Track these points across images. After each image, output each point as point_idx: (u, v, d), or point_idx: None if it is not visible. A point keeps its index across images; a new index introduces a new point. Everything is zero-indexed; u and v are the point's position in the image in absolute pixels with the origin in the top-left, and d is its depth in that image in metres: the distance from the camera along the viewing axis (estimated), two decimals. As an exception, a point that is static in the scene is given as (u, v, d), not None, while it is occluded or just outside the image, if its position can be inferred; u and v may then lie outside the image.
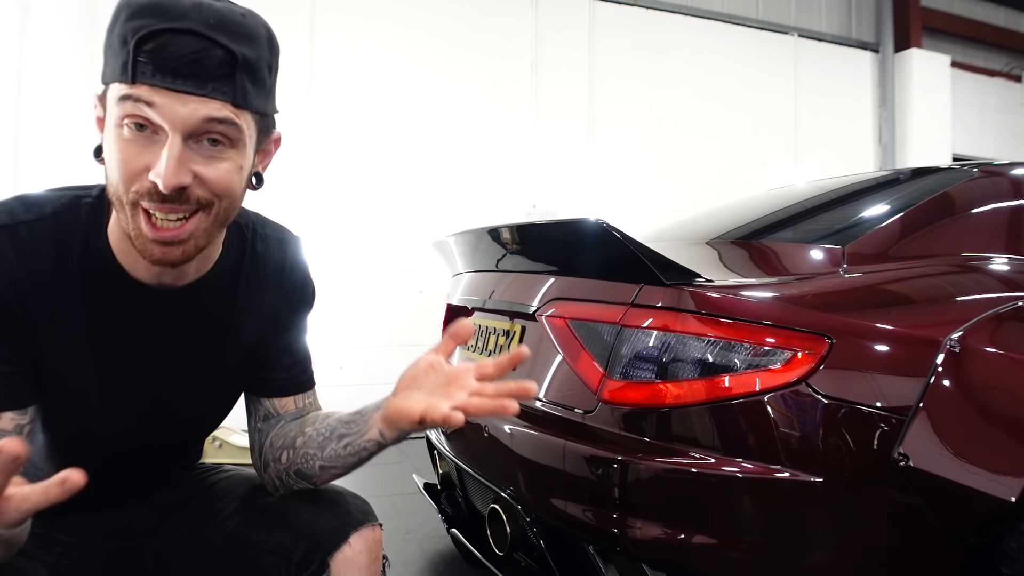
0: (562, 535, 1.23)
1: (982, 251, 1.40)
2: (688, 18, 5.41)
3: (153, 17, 0.68)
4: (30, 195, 0.82)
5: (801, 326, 1.10)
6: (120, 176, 0.71)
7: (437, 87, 4.57)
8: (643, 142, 5.16)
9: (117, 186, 0.72)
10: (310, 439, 0.93)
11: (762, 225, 1.73)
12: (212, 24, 0.69)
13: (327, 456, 0.91)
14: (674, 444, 1.11)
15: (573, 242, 1.37)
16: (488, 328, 1.68)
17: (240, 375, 0.98)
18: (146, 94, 0.68)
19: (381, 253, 4.40)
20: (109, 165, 0.73)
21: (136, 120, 0.69)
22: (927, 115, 6.02)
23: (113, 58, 0.70)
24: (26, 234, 0.78)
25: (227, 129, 0.73)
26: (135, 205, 0.72)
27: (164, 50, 0.68)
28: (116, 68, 0.70)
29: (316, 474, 0.93)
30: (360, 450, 0.89)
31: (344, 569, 0.90)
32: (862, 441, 1.07)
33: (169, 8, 0.68)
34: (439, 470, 1.93)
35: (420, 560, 2.17)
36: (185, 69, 0.68)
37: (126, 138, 0.70)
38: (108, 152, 0.73)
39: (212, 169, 0.74)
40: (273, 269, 0.97)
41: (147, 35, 0.67)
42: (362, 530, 0.92)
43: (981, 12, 6.85)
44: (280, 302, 0.98)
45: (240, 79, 0.72)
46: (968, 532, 1.07)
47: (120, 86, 0.69)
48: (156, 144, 0.70)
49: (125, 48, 0.68)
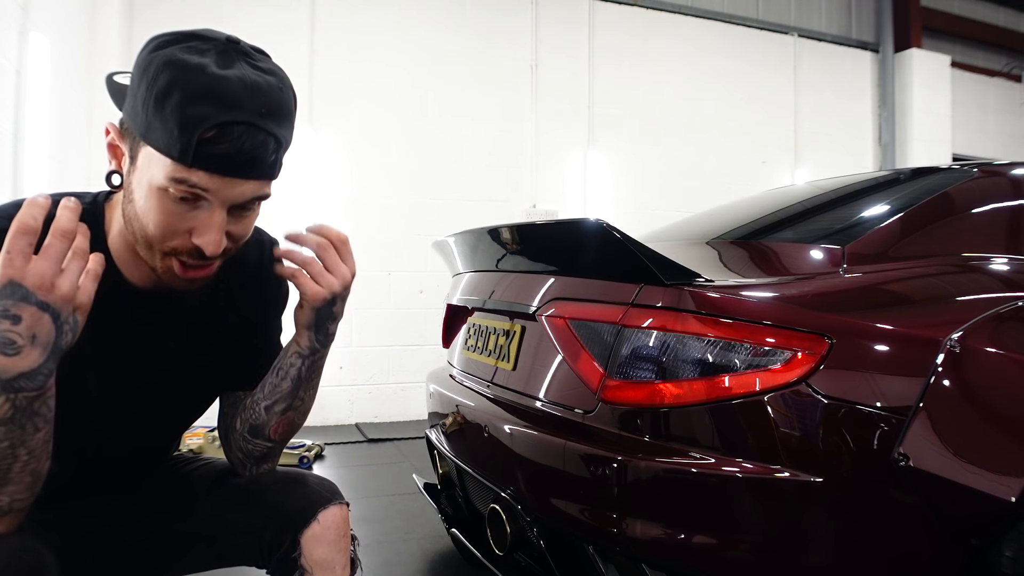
0: (562, 535, 1.23)
1: (982, 251, 1.40)
2: (688, 18, 5.41)
3: (213, 107, 0.71)
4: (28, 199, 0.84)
5: (801, 326, 1.10)
6: (159, 232, 0.77)
7: (437, 87, 4.57)
8: (643, 142, 5.17)
9: (152, 237, 0.78)
10: (256, 394, 1.00)
11: (762, 225, 1.73)
12: (264, 113, 0.74)
13: (267, 393, 0.97)
14: (674, 444, 1.11)
15: (573, 242, 1.37)
16: (488, 328, 1.68)
17: (222, 371, 1.03)
18: (204, 181, 0.74)
19: (381, 253, 4.40)
20: (143, 215, 0.78)
21: (184, 195, 0.75)
22: (927, 115, 6.02)
23: (164, 134, 0.73)
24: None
25: (262, 198, 0.81)
26: (167, 255, 0.79)
27: (223, 143, 0.72)
28: (170, 147, 0.73)
29: (264, 419, 0.99)
30: (289, 368, 0.95)
31: (313, 545, 0.94)
32: (862, 441, 1.07)
33: (226, 95, 0.72)
34: (439, 470, 1.93)
35: (420, 560, 2.17)
36: (243, 162, 0.74)
37: (172, 202, 0.75)
38: (144, 205, 0.77)
39: (242, 226, 0.82)
40: (250, 270, 1.01)
41: (210, 127, 0.71)
42: (330, 508, 0.97)
43: (981, 12, 6.85)
44: (258, 301, 1.03)
45: (280, 157, 0.80)
46: (968, 532, 1.07)
47: (175, 166, 0.73)
48: (198, 210, 0.77)
49: (185, 135, 0.71)
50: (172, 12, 3.83)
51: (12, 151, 2.54)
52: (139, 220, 0.79)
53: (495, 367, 1.58)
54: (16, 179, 2.56)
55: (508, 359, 1.52)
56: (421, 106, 4.53)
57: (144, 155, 0.76)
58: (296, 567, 0.94)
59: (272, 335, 1.08)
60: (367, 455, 3.61)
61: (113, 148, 0.81)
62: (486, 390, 1.59)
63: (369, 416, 4.39)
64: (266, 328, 1.06)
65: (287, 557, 0.95)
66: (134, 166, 0.78)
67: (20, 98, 2.60)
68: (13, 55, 2.55)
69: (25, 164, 2.60)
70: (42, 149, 2.73)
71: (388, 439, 3.88)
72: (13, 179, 2.54)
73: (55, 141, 2.89)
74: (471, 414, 1.58)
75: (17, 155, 2.57)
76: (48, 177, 2.77)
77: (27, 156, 2.61)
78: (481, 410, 1.53)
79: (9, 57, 2.52)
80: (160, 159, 0.74)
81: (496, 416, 1.46)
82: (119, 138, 0.80)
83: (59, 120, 2.94)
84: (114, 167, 0.81)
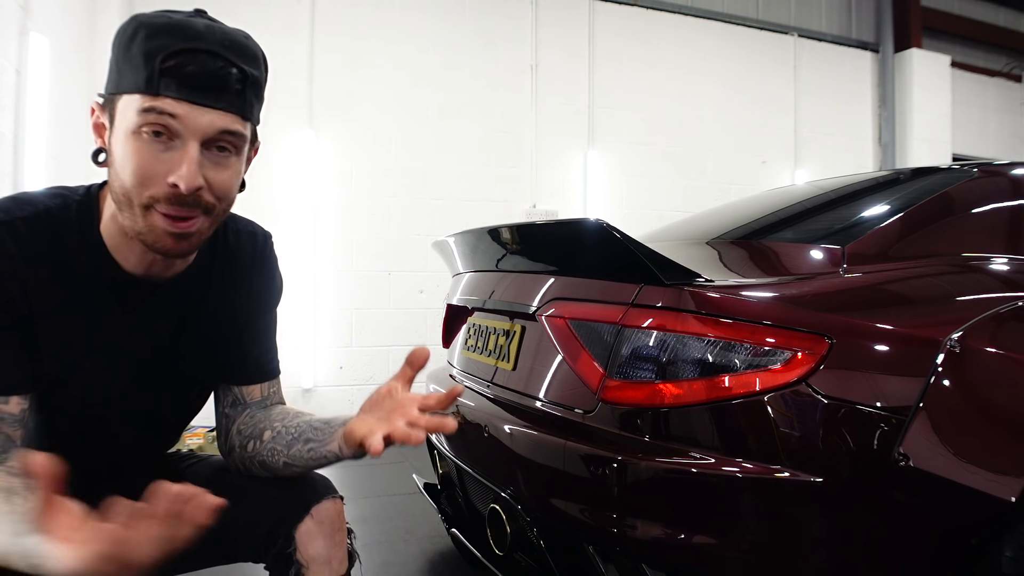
0: (562, 535, 1.23)
1: (982, 251, 1.40)
2: (688, 18, 5.41)
3: (173, 37, 0.76)
4: (21, 194, 0.88)
5: (801, 326, 1.10)
6: (135, 180, 0.78)
7: (437, 87, 4.57)
8: (643, 142, 5.16)
9: (129, 189, 0.78)
10: (279, 435, 0.99)
11: (762, 225, 1.73)
12: (226, 45, 0.78)
13: (292, 455, 0.97)
14: (674, 444, 1.11)
15: (573, 242, 1.37)
16: (488, 328, 1.68)
17: (217, 361, 1.03)
18: (170, 106, 0.76)
19: (381, 253, 4.40)
20: (121, 169, 0.79)
21: (155, 128, 0.76)
22: (927, 115, 6.01)
23: (131, 72, 0.77)
24: (24, 229, 0.83)
25: (235, 139, 0.81)
26: (148, 207, 0.79)
27: (187, 67, 0.75)
28: (138, 81, 0.76)
29: (279, 468, 0.99)
30: (321, 457, 0.95)
31: (308, 540, 0.95)
32: (862, 441, 1.07)
33: (187, 29, 0.76)
34: (439, 470, 1.93)
35: (420, 560, 2.17)
36: (206, 85, 0.77)
37: (144, 144, 0.77)
38: (121, 157, 0.78)
39: (219, 175, 0.81)
40: (244, 261, 1.02)
41: (171, 53, 0.75)
42: (323, 503, 0.98)
43: (981, 12, 6.85)
44: (250, 293, 1.04)
45: (248, 95, 0.82)
46: (968, 532, 1.07)
47: (142, 98, 0.76)
48: (171, 151, 0.78)
49: (149, 64, 0.75)
50: (172, 12, 3.83)
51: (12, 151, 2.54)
52: (119, 178, 0.79)
53: (495, 367, 1.58)
54: (16, 179, 2.56)
55: (508, 359, 1.52)
56: (421, 106, 4.52)
57: (119, 108, 0.78)
58: (292, 562, 0.95)
59: (267, 327, 1.08)
60: (367, 455, 3.60)
61: (98, 127, 0.83)
62: (486, 390, 1.59)
63: (369, 416, 4.38)
64: (260, 320, 1.06)
65: (282, 552, 0.96)
66: (113, 127, 0.80)
67: (20, 98, 2.60)
68: (13, 55, 2.55)
69: (25, 164, 2.60)
70: (42, 149, 2.73)
71: (388, 439, 3.87)
72: (13, 179, 2.54)
73: (55, 141, 2.89)
74: (471, 414, 1.58)
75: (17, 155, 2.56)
76: (48, 177, 2.77)
77: (27, 156, 2.61)
78: (481, 410, 1.53)
79: (9, 57, 2.52)
80: (130, 100, 0.77)
81: (496, 416, 1.46)
82: (101, 113, 0.82)
83: (59, 120, 2.93)
84: (99, 144, 0.83)
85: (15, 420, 0.82)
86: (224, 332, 1.01)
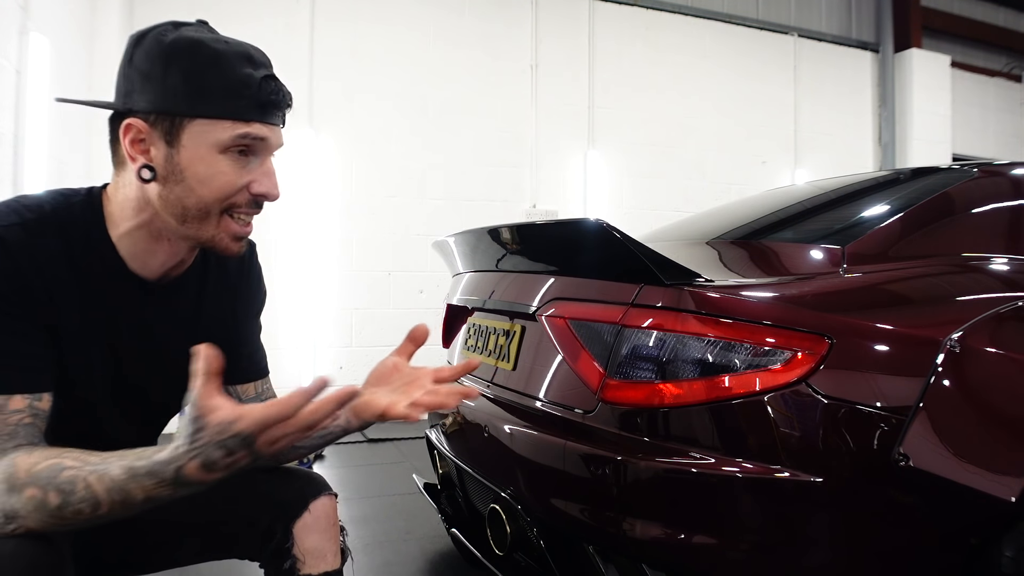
0: (562, 535, 1.23)
1: (982, 251, 1.40)
2: (688, 18, 5.41)
3: (249, 67, 0.84)
4: (26, 196, 0.89)
5: (801, 326, 1.10)
6: (223, 192, 0.85)
7: (437, 86, 4.57)
8: (643, 142, 5.16)
9: (211, 203, 0.85)
10: None
11: (762, 225, 1.73)
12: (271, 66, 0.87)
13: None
14: (674, 444, 1.11)
15: (573, 242, 1.37)
16: (488, 328, 1.68)
17: None
18: (261, 130, 0.85)
19: (381, 253, 4.40)
20: (200, 187, 0.85)
21: (242, 148, 0.85)
22: (927, 115, 6.02)
23: (217, 100, 0.83)
24: (37, 229, 0.85)
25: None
26: (225, 212, 0.87)
27: (268, 96, 0.84)
28: (227, 110, 0.83)
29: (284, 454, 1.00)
30: (327, 434, 0.97)
31: (305, 534, 0.99)
32: (862, 441, 1.07)
33: (252, 56, 0.85)
34: (439, 470, 1.93)
35: (420, 560, 2.17)
36: (278, 107, 0.87)
37: (231, 162, 0.85)
38: (205, 175, 0.85)
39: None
40: (235, 266, 1.07)
41: (259, 84, 0.83)
42: (320, 498, 1.02)
43: (981, 12, 6.85)
44: (239, 297, 1.08)
45: None
46: (968, 532, 1.07)
47: (236, 123, 0.83)
48: (250, 165, 0.87)
49: (240, 95, 0.83)
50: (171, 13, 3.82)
51: (12, 151, 2.54)
52: (193, 194, 0.85)
53: (495, 367, 1.58)
54: (16, 179, 2.56)
55: (508, 359, 1.52)
56: (421, 106, 4.52)
57: (192, 131, 0.83)
58: (288, 556, 0.98)
59: (253, 332, 1.13)
60: (367, 455, 3.61)
61: (137, 144, 0.84)
62: (486, 390, 1.59)
63: (369, 416, 4.38)
64: (246, 325, 1.11)
65: (280, 547, 0.98)
66: (176, 147, 0.83)
67: (20, 98, 2.60)
68: (13, 55, 2.55)
69: (25, 164, 2.60)
70: (42, 149, 2.73)
71: (388, 439, 3.88)
72: (13, 179, 2.54)
73: (55, 141, 2.89)
74: (471, 414, 1.58)
75: (17, 155, 2.56)
76: (48, 177, 2.77)
77: (27, 156, 2.61)
78: (481, 410, 1.53)
79: (9, 57, 2.52)
80: (216, 125, 0.83)
81: (496, 416, 1.46)
82: (150, 131, 0.84)
83: (59, 120, 2.93)
84: (143, 161, 0.84)
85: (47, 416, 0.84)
86: (220, 331, 1.03)
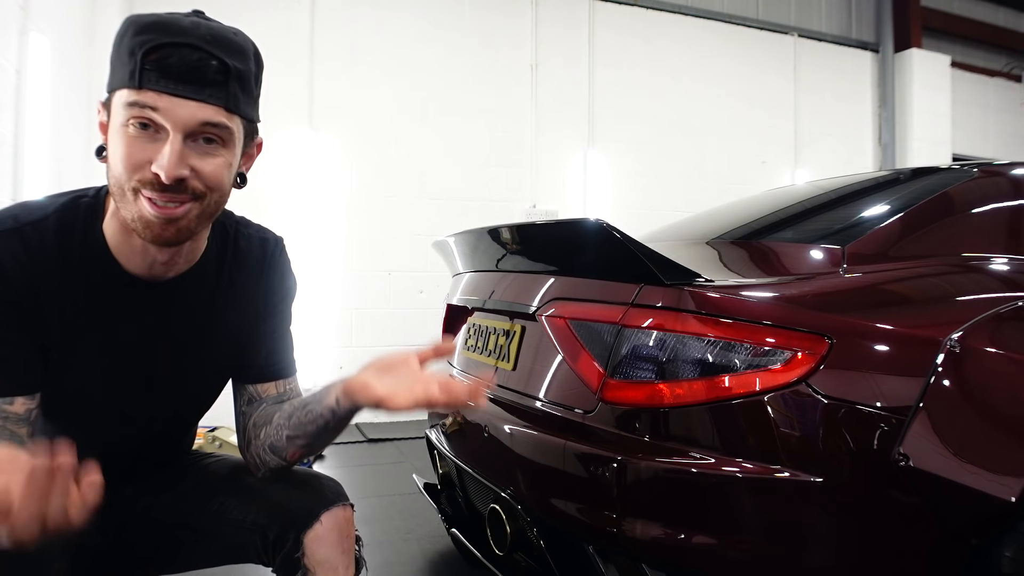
0: (562, 535, 1.23)
1: (982, 251, 1.40)
2: (688, 18, 5.41)
3: (157, 32, 0.78)
4: (31, 201, 0.90)
5: (801, 326, 1.10)
6: (124, 167, 0.80)
7: (437, 87, 4.57)
8: (643, 142, 5.16)
9: (120, 176, 0.81)
10: (284, 412, 1.01)
11: (762, 225, 1.73)
12: (208, 39, 0.80)
13: (293, 424, 0.98)
14: (674, 444, 1.11)
15: (573, 242, 1.37)
16: (488, 328, 1.68)
17: (224, 361, 1.05)
18: (151, 99, 0.78)
19: (381, 253, 4.40)
20: (113, 159, 0.82)
21: (141, 120, 0.79)
22: (927, 115, 6.02)
23: (121, 68, 0.80)
24: (32, 235, 0.86)
25: (220, 131, 0.83)
26: (136, 192, 0.81)
27: (167, 60, 0.78)
28: (124, 76, 0.79)
29: (284, 446, 1.00)
30: (317, 416, 0.95)
31: (316, 546, 0.96)
32: (862, 441, 1.06)
33: (171, 25, 0.79)
34: (439, 470, 1.93)
35: (420, 560, 2.17)
36: (185, 77, 0.79)
37: (131, 135, 0.79)
38: (113, 149, 0.82)
39: (206, 163, 0.83)
40: (254, 264, 1.04)
41: (153, 47, 0.78)
42: (333, 509, 0.99)
43: (981, 12, 6.85)
44: (260, 295, 1.06)
45: (232, 87, 0.83)
46: (968, 532, 1.07)
47: (128, 92, 0.79)
48: (158, 142, 0.80)
49: (133, 59, 0.78)
50: (172, 12, 3.83)
51: (12, 151, 2.54)
52: (112, 171, 0.82)
53: (495, 367, 1.58)
54: (16, 179, 2.56)
55: (508, 359, 1.52)
56: (421, 106, 4.52)
57: (113, 104, 0.81)
58: (299, 566, 0.96)
59: (278, 325, 1.09)
60: (367, 455, 3.61)
61: (102, 125, 0.85)
62: (486, 390, 1.59)
63: (369, 416, 4.39)
64: (272, 319, 1.07)
65: (290, 556, 0.96)
66: (109, 123, 0.83)
67: (20, 98, 2.60)
68: (13, 55, 2.55)
69: (25, 164, 2.60)
70: (42, 149, 2.73)
71: (388, 439, 3.88)
72: (13, 179, 2.54)
73: (55, 141, 2.89)
74: (471, 414, 1.58)
75: (17, 155, 2.57)
76: (48, 177, 2.77)
77: (27, 156, 2.61)
78: (481, 410, 1.53)
79: (9, 57, 2.52)
80: (119, 95, 0.80)
81: (496, 416, 1.46)
82: (103, 111, 0.84)
83: (59, 120, 2.93)
84: (103, 141, 0.85)
85: (19, 419, 0.85)
86: (233, 332, 1.03)
